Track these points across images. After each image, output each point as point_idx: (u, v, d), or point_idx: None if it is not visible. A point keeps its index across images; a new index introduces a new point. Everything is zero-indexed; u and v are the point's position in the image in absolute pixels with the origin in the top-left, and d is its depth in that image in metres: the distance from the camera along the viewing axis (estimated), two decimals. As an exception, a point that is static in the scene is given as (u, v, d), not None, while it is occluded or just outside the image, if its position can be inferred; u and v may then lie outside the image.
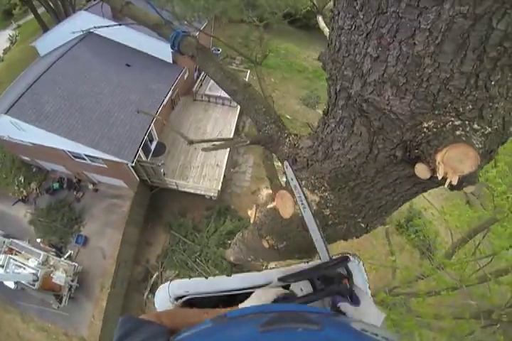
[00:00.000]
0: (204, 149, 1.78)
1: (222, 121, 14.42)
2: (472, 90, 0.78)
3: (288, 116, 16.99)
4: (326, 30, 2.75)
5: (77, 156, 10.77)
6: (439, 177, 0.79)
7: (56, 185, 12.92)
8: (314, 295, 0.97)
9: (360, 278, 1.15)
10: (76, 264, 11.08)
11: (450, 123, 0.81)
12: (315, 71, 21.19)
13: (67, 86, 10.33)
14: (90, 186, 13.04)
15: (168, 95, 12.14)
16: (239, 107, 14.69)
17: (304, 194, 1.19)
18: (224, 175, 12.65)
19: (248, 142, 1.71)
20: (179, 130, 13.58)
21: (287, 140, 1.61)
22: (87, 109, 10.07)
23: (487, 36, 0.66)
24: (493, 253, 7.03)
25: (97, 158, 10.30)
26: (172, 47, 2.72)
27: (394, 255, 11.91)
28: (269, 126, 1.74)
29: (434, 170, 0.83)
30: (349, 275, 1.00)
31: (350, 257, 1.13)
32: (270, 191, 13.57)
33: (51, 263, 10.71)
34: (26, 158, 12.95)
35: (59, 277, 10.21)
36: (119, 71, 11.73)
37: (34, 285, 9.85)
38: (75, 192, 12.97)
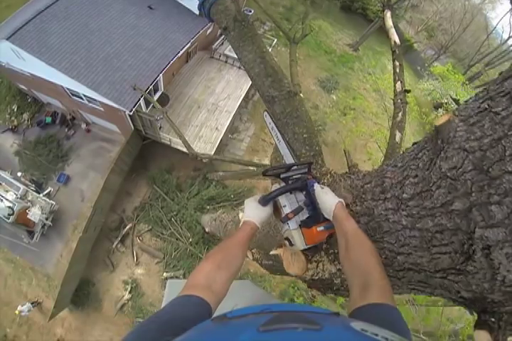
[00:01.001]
0: (211, 175, 1.55)
1: (234, 84, 13.59)
2: None
3: (301, 95, 16.42)
4: (393, 32, 2.34)
5: (75, 94, 10.22)
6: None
7: (49, 119, 12.42)
8: (287, 186, 1.12)
9: None
10: (53, 203, 11.00)
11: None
12: (341, 56, 20.21)
13: (79, 19, 9.46)
14: (83, 125, 12.63)
15: (186, 47, 11.28)
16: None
17: (280, 134, 1.33)
18: (220, 140, 12.25)
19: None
20: (188, 84, 12.85)
21: (321, 181, 1.36)
22: (95, 48, 9.32)
23: None
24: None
25: (95, 100, 9.79)
26: (200, 7, 2.11)
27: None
28: (304, 159, 1.44)
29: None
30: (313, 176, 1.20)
31: None
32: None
33: (29, 198, 10.59)
34: (23, 87, 12.28)
35: (34, 214, 10.13)
36: (140, 12, 10.74)
37: (9, 218, 9.80)
38: (66, 129, 12.57)
